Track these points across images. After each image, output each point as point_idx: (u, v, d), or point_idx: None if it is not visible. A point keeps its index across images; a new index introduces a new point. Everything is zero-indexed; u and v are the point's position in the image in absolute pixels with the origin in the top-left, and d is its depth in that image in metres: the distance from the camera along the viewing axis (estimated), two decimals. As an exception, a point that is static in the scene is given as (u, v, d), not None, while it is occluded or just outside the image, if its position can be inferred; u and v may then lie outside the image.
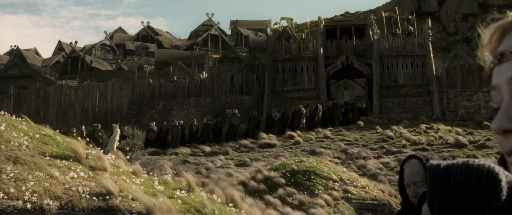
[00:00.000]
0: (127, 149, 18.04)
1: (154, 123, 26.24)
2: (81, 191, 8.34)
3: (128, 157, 19.06)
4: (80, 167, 9.22)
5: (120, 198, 8.43)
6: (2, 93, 36.97)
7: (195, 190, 9.97)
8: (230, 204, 10.05)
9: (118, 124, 22.62)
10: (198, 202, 9.27)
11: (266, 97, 32.66)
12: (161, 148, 24.59)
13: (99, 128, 23.47)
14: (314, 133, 26.91)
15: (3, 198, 7.76)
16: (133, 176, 9.83)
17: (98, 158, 9.61)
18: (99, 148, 11.49)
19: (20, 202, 7.77)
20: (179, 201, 9.14)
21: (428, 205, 0.99)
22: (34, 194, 7.98)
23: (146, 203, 8.36)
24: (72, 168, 9.06)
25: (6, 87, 40.10)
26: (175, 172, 17.25)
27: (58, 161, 9.20)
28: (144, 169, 17.73)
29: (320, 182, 16.15)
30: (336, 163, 21.20)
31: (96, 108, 33.64)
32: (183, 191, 9.67)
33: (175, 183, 10.37)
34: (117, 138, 19.53)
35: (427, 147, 24.04)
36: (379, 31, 34.80)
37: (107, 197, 8.40)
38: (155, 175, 16.08)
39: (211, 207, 9.19)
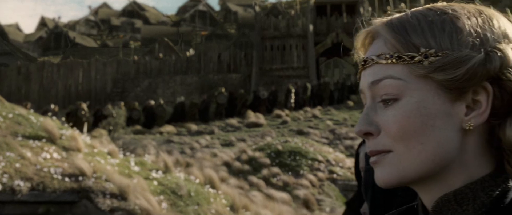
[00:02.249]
0: (110, 128, 17.77)
1: (137, 103, 25.91)
2: (53, 172, 8.12)
3: (110, 137, 18.80)
4: (54, 147, 8.97)
5: (93, 179, 8.23)
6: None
7: (172, 171, 9.76)
8: (208, 185, 9.85)
9: (88, 102, 22.24)
10: (174, 183, 9.07)
11: (254, 76, 32.35)
12: (145, 127, 24.31)
13: (82, 106, 23.11)
14: (302, 112, 26.70)
15: (-28, 179, 7.52)
16: (109, 157, 9.60)
17: (72, 138, 9.35)
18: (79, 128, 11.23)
19: (-11, 183, 7.53)
20: (155, 182, 8.96)
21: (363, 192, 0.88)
22: (4, 175, 7.75)
23: (119, 184, 8.17)
24: (45, 148, 8.81)
25: (-14, 64, 39.57)
26: (158, 151, 17.03)
27: (31, 141, 8.95)
28: (127, 148, 17.52)
29: (305, 163, 16.04)
30: (324, 144, 21.06)
31: (79, 86, 33.20)
32: (159, 172, 9.46)
33: (152, 164, 10.15)
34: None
35: None
36: (370, 9, 34.44)
37: (80, 178, 8.19)
38: (137, 155, 15.87)
39: (188, 188, 9.00)
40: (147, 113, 25.66)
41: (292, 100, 27.82)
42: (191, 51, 38.01)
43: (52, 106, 23.79)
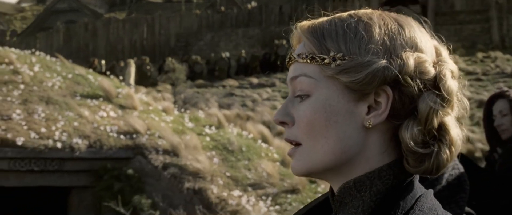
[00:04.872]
0: (171, 83, 18.24)
1: (199, 57, 26.32)
2: (109, 130, 8.52)
3: (173, 91, 19.30)
4: (110, 106, 9.37)
5: (147, 136, 8.57)
6: (51, 28, 37.74)
7: (225, 127, 10.01)
8: (260, 140, 10.05)
9: (135, 58, 22.65)
10: (226, 138, 9.32)
11: (316, 27, 31.96)
12: (208, 81, 24.75)
13: (147, 61, 23.74)
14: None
15: (34, 137, 8.02)
16: (163, 114, 9.94)
17: (128, 96, 9.73)
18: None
19: (51, 141, 8.03)
20: (208, 138, 9.22)
21: None
22: (64, 134, 8.21)
23: (172, 140, 8.48)
24: (102, 107, 9.23)
25: (55, 22, 40.84)
26: (211, 107, 17.36)
27: (89, 100, 9.39)
28: (188, 102, 17.99)
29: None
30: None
31: (144, 41, 33.95)
32: (212, 128, 9.72)
33: (205, 120, 10.43)
34: (133, 73, 19.61)
35: (482, 77, 23.23)
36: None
37: (134, 136, 8.56)
38: (198, 108, 16.28)
39: (239, 144, 9.22)
40: (209, 67, 26.07)
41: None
42: (253, 4, 37.88)
43: (120, 62, 24.54)
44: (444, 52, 1.04)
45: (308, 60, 0.99)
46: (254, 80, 24.73)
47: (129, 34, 34.16)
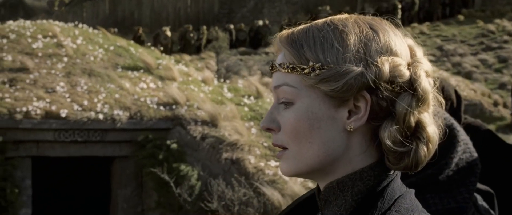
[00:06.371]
0: (217, 51, 18.33)
1: (243, 24, 26.26)
2: (149, 102, 8.69)
3: (216, 59, 19.41)
4: (150, 77, 9.55)
5: (186, 107, 8.71)
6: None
7: (263, 97, 10.07)
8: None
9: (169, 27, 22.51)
10: (264, 108, 9.39)
11: (361, -8, 31.48)
12: (251, 48, 24.76)
13: (191, 29, 23.86)
14: (410, 29, 25.90)
15: (77, 109, 8.27)
16: (203, 84, 10.05)
17: (168, 68, 9.88)
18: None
19: (93, 113, 8.26)
20: (246, 109, 9.30)
21: None
22: (105, 106, 8.43)
23: (210, 111, 8.58)
24: (142, 79, 9.40)
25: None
26: (262, 72, 17.40)
27: (130, 72, 9.58)
28: (231, 70, 18.08)
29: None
30: (430, 61, 20.43)
31: (188, 8, 34.05)
32: (251, 98, 9.79)
33: (245, 90, 10.50)
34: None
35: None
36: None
37: (174, 107, 8.71)
38: (241, 76, 16.36)
39: (277, 113, 9.24)
40: (253, 34, 26.03)
41: (399, 16, 26.95)
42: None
43: (163, 29, 24.75)
44: (419, 51, 1.08)
45: (289, 70, 1.03)
46: (298, 47, 24.58)
47: (173, 2, 34.33)
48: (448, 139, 2.11)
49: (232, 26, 25.13)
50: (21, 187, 7.77)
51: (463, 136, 2.17)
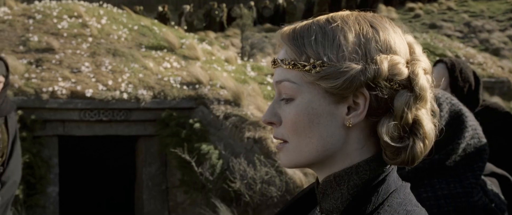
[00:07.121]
0: (240, 29, 18.30)
1: (268, 1, 26.08)
2: (172, 81, 8.76)
3: (241, 37, 19.38)
4: (174, 57, 9.60)
5: (209, 87, 8.76)
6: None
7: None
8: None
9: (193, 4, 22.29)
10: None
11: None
12: (276, 25, 24.65)
13: (215, 6, 23.84)
14: (437, 4, 25.53)
15: (102, 89, 8.38)
16: (226, 63, 10.08)
17: (191, 47, 9.92)
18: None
19: (117, 92, 8.36)
20: (269, 88, 9.32)
21: None
22: (130, 85, 8.52)
23: (233, 90, 8.61)
24: (166, 58, 9.46)
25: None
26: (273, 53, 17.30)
27: (153, 52, 9.64)
28: (255, 47, 18.05)
29: (432, 59, 15.57)
30: (457, 37, 20.17)
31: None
32: (274, 77, 9.79)
33: (268, 68, 10.51)
34: None
35: None
36: None
37: (197, 86, 8.77)
38: (266, 54, 16.34)
39: (300, 92, 9.24)
40: (278, 10, 25.89)
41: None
42: None
43: (187, 7, 24.77)
44: (418, 49, 1.11)
45: (291, 67, 1.06)
46: (323, 23, 24.41)
47: (198, -22, 34.25)
48: (456, 125, 2.12)
49: (253, 3, 24.99)
50: (48, 165, 7.94)
51: (471, 122, 2.17)
